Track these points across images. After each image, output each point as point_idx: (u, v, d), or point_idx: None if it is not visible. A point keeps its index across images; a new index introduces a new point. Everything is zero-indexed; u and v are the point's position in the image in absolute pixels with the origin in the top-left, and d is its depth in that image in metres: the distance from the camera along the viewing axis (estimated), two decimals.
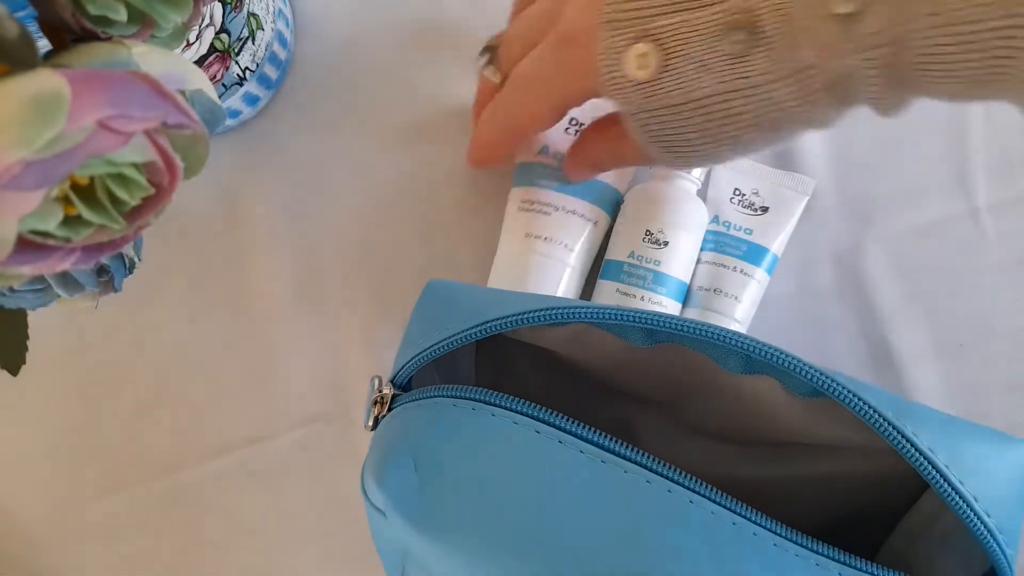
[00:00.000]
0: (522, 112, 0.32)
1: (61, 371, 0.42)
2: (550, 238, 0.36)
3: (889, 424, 0.22)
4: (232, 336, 0.41)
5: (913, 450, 0.21)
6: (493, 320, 0.25)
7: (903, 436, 0.22)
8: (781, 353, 0.23)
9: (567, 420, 0.23)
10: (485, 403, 0.23)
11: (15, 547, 0.42)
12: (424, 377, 0.29)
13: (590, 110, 0.34)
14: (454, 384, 0.25)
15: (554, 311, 0.24)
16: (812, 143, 0.39)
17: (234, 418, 0.41)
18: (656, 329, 0.25)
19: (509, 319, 0.25)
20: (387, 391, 0.26)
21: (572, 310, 0.24)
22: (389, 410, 0.26)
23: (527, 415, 0.23)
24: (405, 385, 0.27)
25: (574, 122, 0.38)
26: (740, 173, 0.38)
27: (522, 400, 0.23)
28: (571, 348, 0.29)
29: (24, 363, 0.27)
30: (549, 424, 0.23)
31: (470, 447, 0.23)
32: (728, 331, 0.24)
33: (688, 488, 0.22)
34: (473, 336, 0.25)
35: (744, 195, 0.38)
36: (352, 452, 0.40)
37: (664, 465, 0.22)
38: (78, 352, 0.42)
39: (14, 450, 0.42)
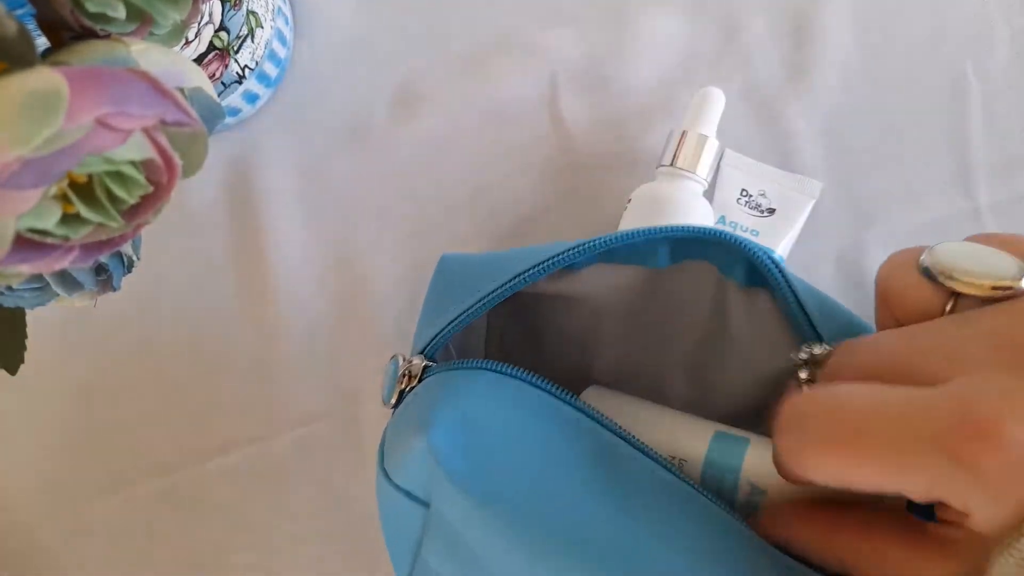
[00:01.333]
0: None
1: (60, 370, 0.42)
2: None
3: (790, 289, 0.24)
4: (232, 335, 0.41)
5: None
6: (524, 272, 0.25)
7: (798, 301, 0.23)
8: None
9: (598, 413, 0.23)
10: (527, 383, 0.24)
11: (15, 546, 0.42)
12: (443, 353, 0.29)
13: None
14: (468, 357, 0.25)
15: (582, 247, 0.25)
16: (813, 143, 0.39)
17: (234, 418, 0.41)
18: (674, 235, 0.25)
19: (539, 267, 0.25)
20: (418, 362, 0.26)
21: (599, 241, 0.25)
22: (419, 381, 0.26)
23: (565, 401, 0.23)
24: (431, 359, 0.27)
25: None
26: (747, 174, 0.38)
27: (558, 386, 0.24)
28: (596, 289, 0.30)
29: (23, 362, 0.27)
30: (583, 412, 0.23)
31: (513, 422, 0.23)
32: (740, 237, 0.24)
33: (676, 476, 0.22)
34: (507, 292, 0.25)
35: (751, 196, 0.38)
36: (353, 452, 0.40)
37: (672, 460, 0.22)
38: (77, 351, 0.42)
39: (14, 450, 0.42)
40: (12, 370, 0.27)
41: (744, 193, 0.38)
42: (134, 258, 0.27)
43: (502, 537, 0.22)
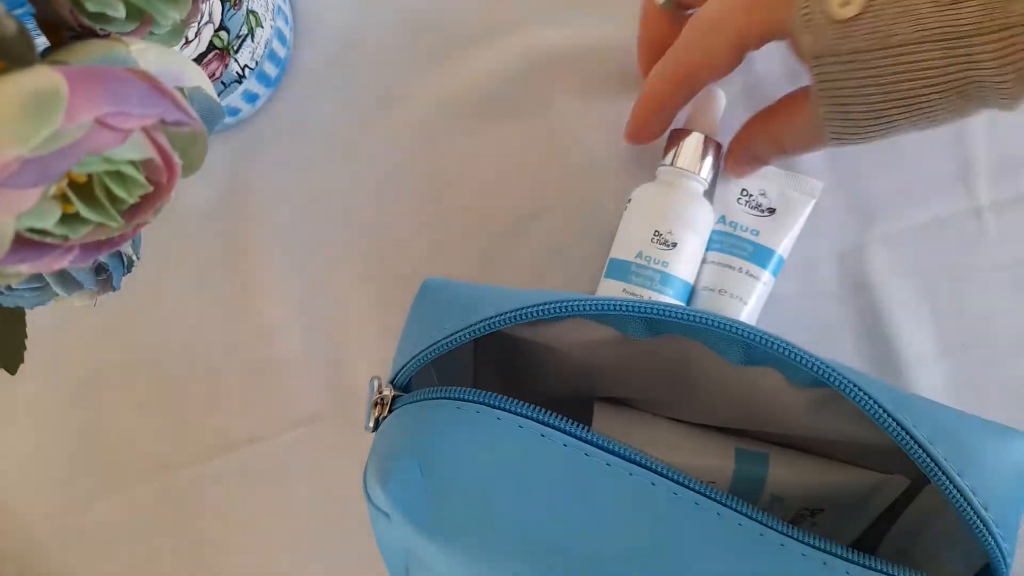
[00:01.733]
0: (698, 55, 0.30)
1: (60, 370, 0.42)
2: None
3: (888, 415, 0.22)
4: (232, 335, 0.41)
5: (911, 441, 0.21)
6: (491, 317, 0.25)
7: (901, 427, 0.21)
8: (780, 342, 0.23)
9: (570, 423, 0.23)
10: (490, 406, 0.23)
11: (15, 547, 0.42)
12: (423, 376, 0.29)
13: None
14: (451, 383, 0.25)
15: (551, 305, 0.24)
16: None
17: (234, 417, 0.41)
18: (655, 319, 0.24)
19: (507, 315, 0.24)
20: (387, 392, 0.26)
21: (569, 303, 0.24)
22: (390, 411, 0.26)
23: (532, 419, 0.23)
24: (405, 386, 0.27)
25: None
26: None
27: (526, 404, 0.23)
28: (571, 345, 0.29)
29: (22, 362, 0.27)
30: (554, 427, 0.23)
31: (475, 450, 0.23)
32: (726, 319, 0.24)
33: (694, 490, 0.22)
34: (471, 335, 0.25)
35: (751, 196, 0.37)
36: (351, 451, 0.40)
37: (667, 467, 0.22)
38: (77, 351, 0.42)
39: (13, 450, 0.42)
40: (12, 369, 0.27)
41: (744, 193, 0.38)
42: (134, 258, 0.27)
43: (474, 569, 0.22)
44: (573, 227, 0.40)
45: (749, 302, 0.36)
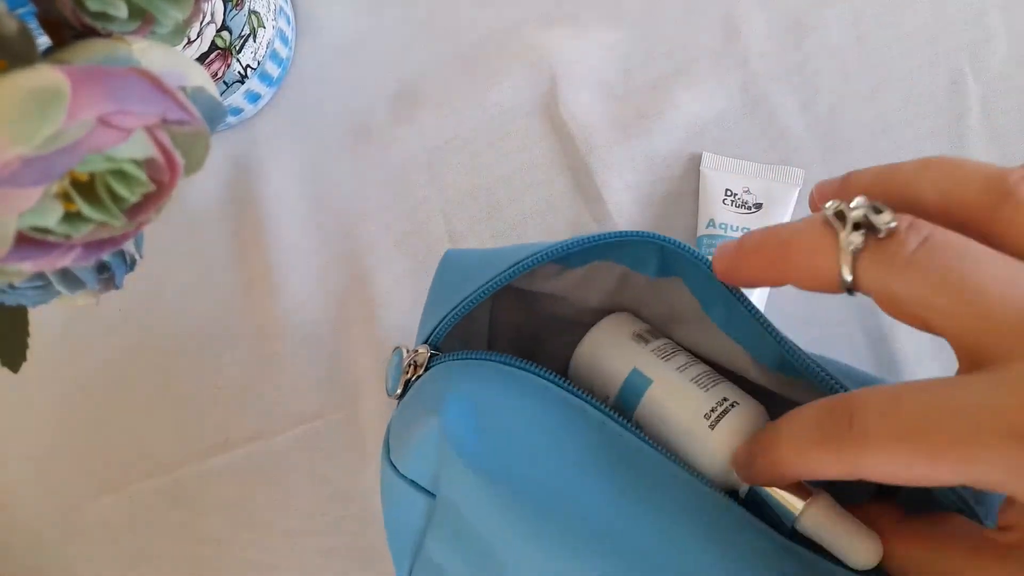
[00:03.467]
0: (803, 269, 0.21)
1: (62, 368, 0.42)
2: None
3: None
4: (233, 333, 0.41)
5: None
6: (524, 259, 0.25)
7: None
8: (760, 322, 0.24)
9: (592, 400, 0.24)
10: (535, 374, 0.24)
11: (17, 544, 0.42)
12: (448, 343, 0.29)
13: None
14: (469, 348, 0.26)
15: (590, 240, 0.25)
16: (809, 142, 0.39)
17: (235, 415, 0.41)
18: (668, 247, 0.25)
19: (540, 254, 0.25)
20: (424, 351, 0.26)
21: (604, 237, 0.25)
22: (426, 370, 0.26)
23: (573, 393, 0.24)
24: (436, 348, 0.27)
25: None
26: (729, 173, 0.38)
27: (563, 378, 0.24)
28: (578, 290, 0.30)
29: (25, 360, 0.27)
30: (580, 398, 0.24)
31: (523, 409, 0.23)
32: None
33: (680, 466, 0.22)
34: (507, 278, 0.25)
35: (736, 194, 0.38)
36: (354, 448, 0.40)
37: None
38: (79, 349, 0.42)
39: (16, 448, 0.42)
40: (14, 368, 0.27)
41: (728, 193, 0.38)
42: (136, 256, 0.27)
43: (513, 517, 0.22)
44: (573, 226, 0.40)
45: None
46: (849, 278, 0.19)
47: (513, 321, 0.34)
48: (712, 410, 0.26)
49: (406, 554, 0.28)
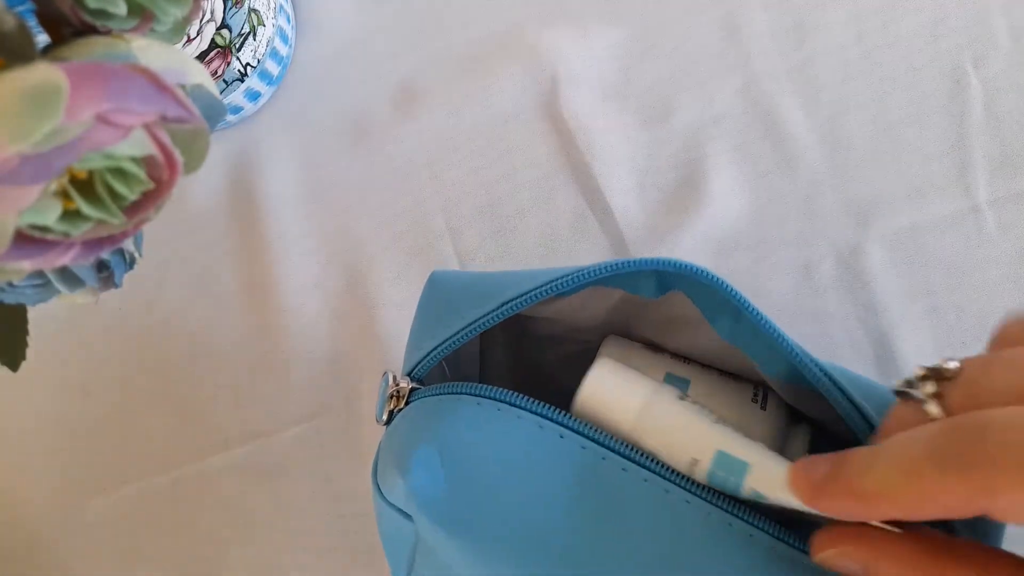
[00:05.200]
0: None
1: (62, 367, 0.42)
2: None
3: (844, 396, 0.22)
4: (233, 332, 0.41)
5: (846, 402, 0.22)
6: (514, 299, 0.24)
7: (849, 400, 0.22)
8: (770, 335, 0.23)
9: (589, 427, 0.23)
10: (510, 404, 0.23)
11: (17, 542, 0.42)
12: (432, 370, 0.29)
13: None
14: (459, 368, 0.25)
15: (569, 277, 0.24)
16: (810, 142, 0.39)
17: (235, 414, 0.41)
18: (669, 273, 0.24)
19: (530, 294, 0.24)
20: (405, 385, 0.26)
21: (585, 272, 0.24)
22: (407, 403, 0.26)
23: (551, 419, 0.23)
24: (421, 379, 0.27)
25: None
26: None
27: (546, 404, 0.23)
28: (574, 313, 0.29)
29: (24, 359, 0.27)
30: (572, 430, 0.23)
31: (495, 445, 0.23)
32: (728, 285, 0.23)
33: (686, 489, 0.21)
34: (495, 319, 0.24)
35: None
36: (353, 448, 0.40)
37: (668, 470, 0.22)
38: (79, 348, 0.42)
39: (15, 446, 0.42)
40: (14, 367, 0.27)
41: None
42: (136, 254, 0.27)
43: (485, 565, 0.22)
44: (572, 226, 0.40)
45: None
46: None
47: (507, 341, 0.34)
48: (755, 394, 0.26)
49: (401, 566, 0.28)
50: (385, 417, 0.26)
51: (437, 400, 0.25)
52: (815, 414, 0.26)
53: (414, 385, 0.26)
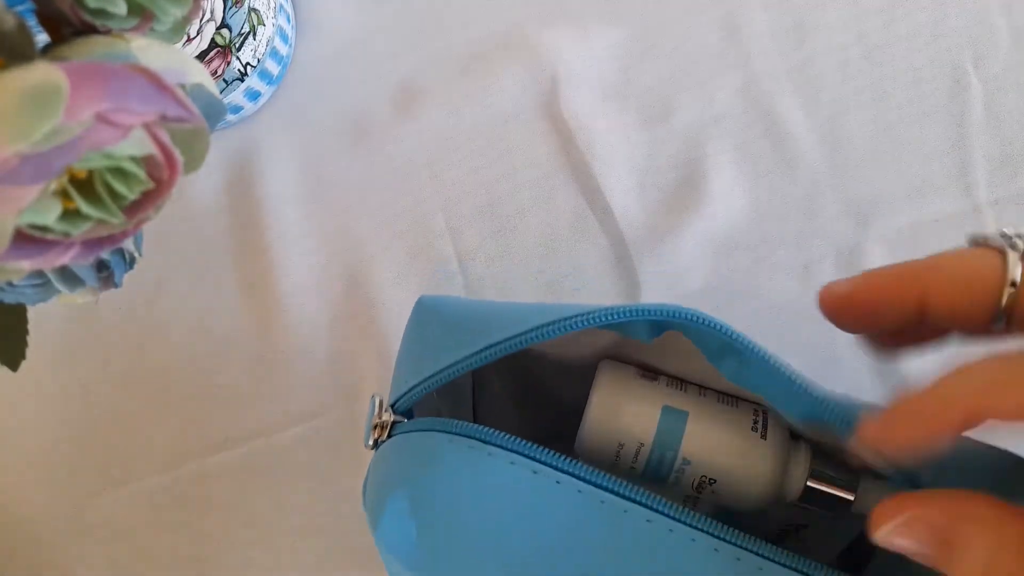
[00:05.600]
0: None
1: (62, 367, 0.42)
2: None
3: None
4: (234, 331, 0.41)
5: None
6: (499, 343, 0.23)
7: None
8: (776, 371, 0.22)
9: (564, 460, 0.22)
10: (482, 441, 0.23)
11: (17, 543, 0.42)
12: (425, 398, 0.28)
13: None
14: (451, 395, 0.24)
15: (560, 324, 0.23)
16: (810, 141, 0.39)
17: (236, 414, 0.41)
18: (663, 321, 0.24)
19: (517, 339, 0.23)
20: (387, 417, 0.25)
21: (576, 319, 0.23)
22: (389, 436, 0.25)
23: (524, 455, 0.22)
24: (406, 411, 0.27)
25: None
26: None
27: (519, 439, 0.23)
28: (565, 349, 0.29)
29: (24, 359, 0.27)
30: (546, 464, 0.22)
31: (466, 487, 0.22)
32: (732, 330, 0.23)
33: (691, 526, 0.21)
34: (478, 362, 0.24)
35: None
36: (353, 448, 0.40)
37: (666, 503, 0.21)
38: (79, 348, 0.42)
39: (15, 446, 0.42)
40: (14, 366, 0.26)
41: None
42: (136, 254, 0.27)
43: None
44: (572, 226, 0.40)
45: None
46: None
47: (502, 366, 0.33)
48: (755, 422, 0.26)
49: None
50: (371, 443, 0.26)
51: (417, 436, 0.24)
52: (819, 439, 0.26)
53: (396, 419, 0.25)
